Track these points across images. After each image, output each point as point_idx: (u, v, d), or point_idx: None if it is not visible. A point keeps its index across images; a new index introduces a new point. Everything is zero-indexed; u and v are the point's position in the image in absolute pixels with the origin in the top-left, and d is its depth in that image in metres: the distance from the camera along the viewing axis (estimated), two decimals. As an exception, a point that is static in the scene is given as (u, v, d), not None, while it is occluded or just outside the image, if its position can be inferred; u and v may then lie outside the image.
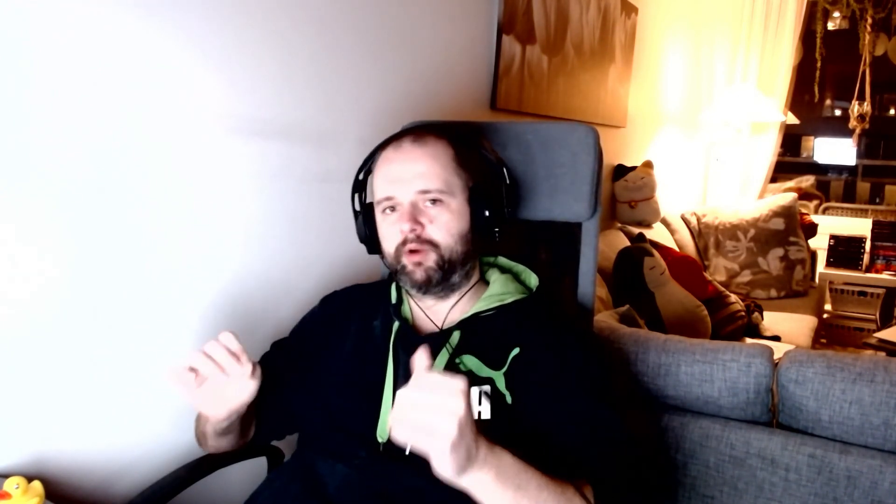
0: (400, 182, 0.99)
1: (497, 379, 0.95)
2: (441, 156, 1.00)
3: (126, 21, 1.01)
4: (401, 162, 1.00)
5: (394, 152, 1.01)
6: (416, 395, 0.69)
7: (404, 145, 1.01)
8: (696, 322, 2.43)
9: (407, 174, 0.99)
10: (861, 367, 1.31)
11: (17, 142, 0.91)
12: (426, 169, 0.98)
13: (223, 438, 1.00)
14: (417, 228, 0.97)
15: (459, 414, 0.68)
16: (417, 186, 0.98)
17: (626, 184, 3.07)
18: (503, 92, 2.06)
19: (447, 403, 0.68)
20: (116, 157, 1.03)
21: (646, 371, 1.46)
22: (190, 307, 1.17)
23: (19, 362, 0.95)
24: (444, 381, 0.69)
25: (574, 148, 1.20)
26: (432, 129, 1.04)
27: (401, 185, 0.99)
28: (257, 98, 1.25)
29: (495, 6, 1.97)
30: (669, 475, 1.45)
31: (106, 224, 1.03)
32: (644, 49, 3.26)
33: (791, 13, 3.92)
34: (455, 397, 0.68)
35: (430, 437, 0.67)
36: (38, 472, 0.96)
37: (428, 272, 0.98)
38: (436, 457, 0.69)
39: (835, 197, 6.99)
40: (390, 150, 1.02)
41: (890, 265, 3.84)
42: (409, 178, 0.98)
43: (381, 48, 1.53)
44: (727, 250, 3.49)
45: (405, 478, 0.90)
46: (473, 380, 0.95)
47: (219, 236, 1.21)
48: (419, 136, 1.01)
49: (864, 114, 4.48)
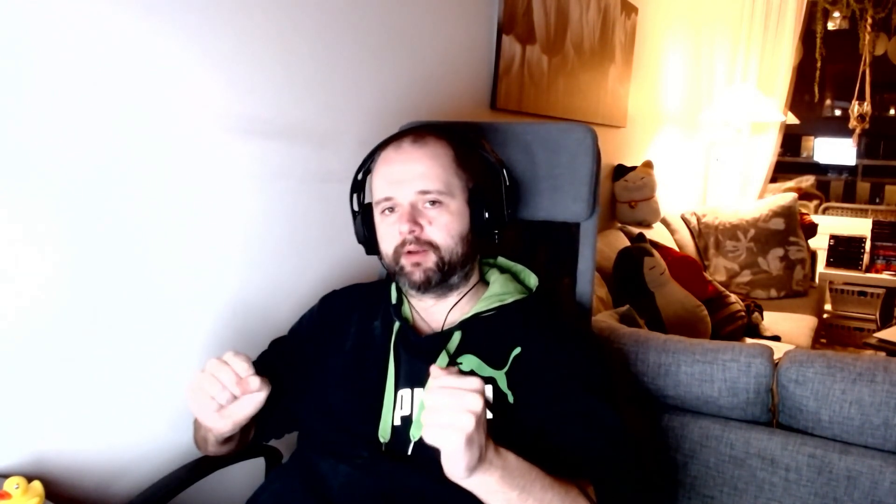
0: (399, 183, 0.98)
1: (499, 378, 0.95)
2: (441, 156, 1.00)
3: (126, 21, 1.01)
4: (400, 162, 0.99)
5: (394, 152, 1.01)
6: (438, 396, 0.71)
7: (404, 145, 1.00)
8: (696, 322, 2.43)
9: (406, 175, 0.98)
10: (861, 367, 1.31)
11: (17, 142, 0.91)
12: (426, 170, 0.98)
13: (224, 445, 0.99)
14: (416, 230, 0.97)
15: (476, 411, 0.70)
16: (417, 187, 0.97)
17: (626, 184, 3.07)
18: (503, 92, 2.06)
19: (465, 401, 0.70)
20: (116, 156, 1.03)
21: (646, 371, 1.46)
22: (190, 307, 1.17)
23: (19, 362, 0.95)
24: (461, 380, 0.72)
25: (572, 148, 1.20)
26: (432, 130, 1.04)
27: (400, 185, 0.98)
28: (257, 98, 1.24)
29: (495, 6, 1.97)
30: (669, 475, 1.45)
31: (105, 224, 1.03)
32: (644, 49, 3.26)
33: (791, 13, 3.92)
34: (472, 395, 0.71)
35: (446, 433, 0.69)
36: (38, 472, 0.96)
37: (427, 273, 0.98)
38: (450, 454, 0.70)
39: (835, 197, 6.99)
40: (390, 151, 1.01)
41: (890, 265, 3.84)
42: (408, 179, 0.98)
43: (382, 48, 1.53)
44: (727, 250, 3.49)
45: (408, 477, 0.90)
46: None
47: (219, 236, 1.21)
48: (419, 137, 1.01)
49: (864, 114, 4.48)
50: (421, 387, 0.95)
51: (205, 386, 0.83)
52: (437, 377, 0.73)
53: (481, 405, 0.71)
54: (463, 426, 0.69)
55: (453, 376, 0.73)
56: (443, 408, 0.71)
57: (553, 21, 2.30)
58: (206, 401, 0.83)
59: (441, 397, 0.71)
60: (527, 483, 0.77)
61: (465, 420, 0.69)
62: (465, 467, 0.71)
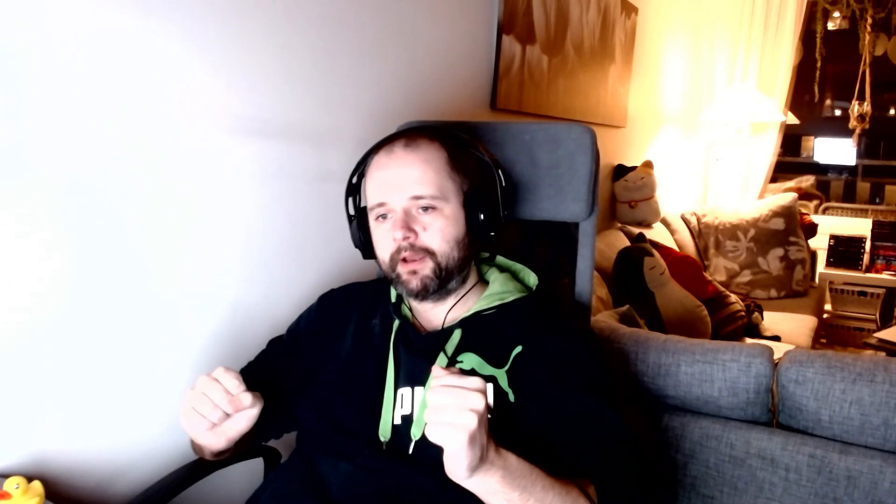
0: (392, 188, 0.97)
1: (500, 377, 0.94)
2: (434, 160, 0.98)
3: (126, 21, 1.01)
4: (393, 168, 0.97)
5: (385, 157, 0.99)
6: (441, 395, 0.71)
7: (396, 150, 0.98)
8: (696, 322, 2.43)
9: (399, 180, 0.96)
10: (861, 367, 1.31)
11: (17, 142, 0.91)
12: (419, 174, 0.96)
13: (220, 455, 0.99)
14: (411, 236, 0.96)
15: (479, 410, 0.70)
16: (410, 193, 0.96)
17: (626, 184, 3.07)
18: (503, 92, 2.06)
19: (468, 399, 0.70)
20: (116, 156, 1.03)
21: (646, 371, 1.46)
22: (189, 307, 1.17)
23: (20, 362, 0.95)
24: (464, 379, 0.72)
25: (571, 148, 1.20)
26: (425, 132, 1.02)
27: (393, 191, 0.97)
28: (257, 98, 1.24)
29: (495, 6, 1.97)
30: (669, 475, 1.45)
31: (105, 224, 1.03)
32: (644, 49, 3.26)
33: (791, 13, 3.92)
34: (475, 394, 0.71)
35: (449, 431, 0.69)
36: (38, 472, 0.96)
37: (424, 281, 0.97)
38: (452, 452, 0.70)
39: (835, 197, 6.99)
40: (382, 155, 1.00)
41: (890, 265, 3.84)
42: (401, 185, 0.96)
43: (382, 48, 1.53)
44: (727, 250, 3.49)
45: (409, 477, 0.90)
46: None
47: (218, 236, 1.21)
48: (411, 140, 0.99)
49: (864, 114, 4.47)
50: (421, 385, 0.95)
51: (196, 405, 0.83)
52: (438, 376, 0.73)
53: (484, 404, 0.71)
54: (466, 424, 0.69)
55: (455, 375, 0.73)
56: (446, 406, 0.70)
57: (553, 21, 2.30)
58: (197, 420, 0.83)
59: (444, 396, 0.71)
60: (528, 483, 0.77)
61: (469, 418, 0.69)
62: (467, 466, 0.71)
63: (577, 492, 0.81)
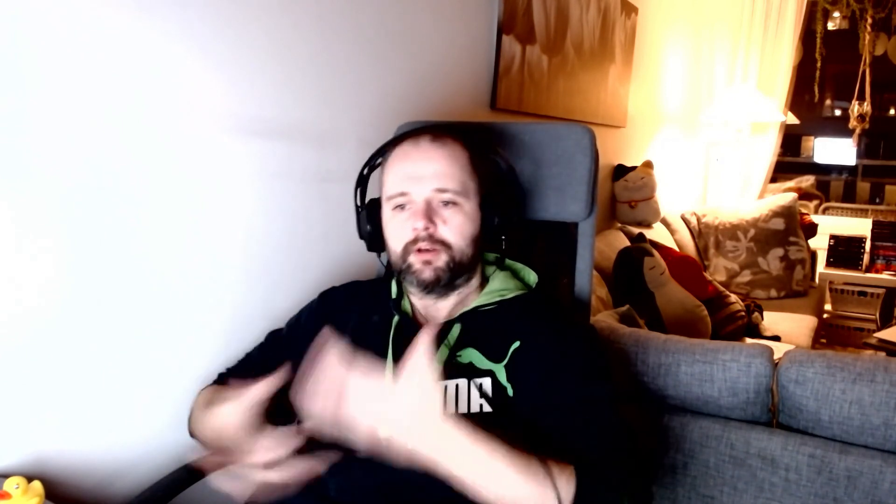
0: (416, 179, 0.98)
1: (498, 371, 0.95)
2: (459, 157, 1.00)
3: (126, 20, 1.01)
4: (418, 159, 0.99)
5: (412, 148, 1.01)
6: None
7: (422, 142, 1.00)
8: (696, 322, 2.43)
9: (424, 171, 0.98)
10: (861, 367, 1.31)
11: (17, 142, 0.91)
12: (444, 168, 0.98)
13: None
14: (431, 227, 0.97)
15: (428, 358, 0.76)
16: (434, 185, 0.98)
17: (626, 184, 3.07)
18: (503, 92, 2.06)
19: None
20: (116, 156, 1.03)
21: (646, 371, 1.46)
22: (190, 306, 1.17)
23: (19, 362, 0.95)
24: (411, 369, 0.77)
25: (570, 148, 1.20)
26: (449, 131, 1.04)
27: (417, 181, 0.98)
28: (257, 98, 1.24)
29: (495, 6, 1.97)
30: (669, 475, 1.45)
31: (105, 224, 1.03)
32: (644, 49, 3.26)
33: (791, 13, 3.92)
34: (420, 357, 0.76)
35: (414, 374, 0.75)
36: (38, 472, 0.96)
37: (437, 272, 0.98)
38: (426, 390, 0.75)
39: (835, 197, 7.00)
40: (408, 146, 1.01)
41: (890, 265, 3.84)
42: (426, 176, 0.98)
43: (382, 48, 1.53)
44: (727, 250, 3.49)
45: (405, 471, 0.90)
46: (474, 372, 0.96)
47: (218, 235, 1.21)
48: (438, 136, 1.01)
49: (864, 114, 4.48)
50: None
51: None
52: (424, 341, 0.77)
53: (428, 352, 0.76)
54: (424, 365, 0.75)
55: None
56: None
57: (553, 21, 2.30)
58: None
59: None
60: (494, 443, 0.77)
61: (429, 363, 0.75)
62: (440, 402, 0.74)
63: (538, 464, 0.80)
